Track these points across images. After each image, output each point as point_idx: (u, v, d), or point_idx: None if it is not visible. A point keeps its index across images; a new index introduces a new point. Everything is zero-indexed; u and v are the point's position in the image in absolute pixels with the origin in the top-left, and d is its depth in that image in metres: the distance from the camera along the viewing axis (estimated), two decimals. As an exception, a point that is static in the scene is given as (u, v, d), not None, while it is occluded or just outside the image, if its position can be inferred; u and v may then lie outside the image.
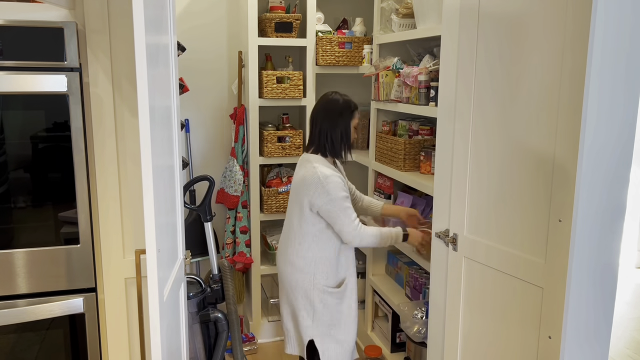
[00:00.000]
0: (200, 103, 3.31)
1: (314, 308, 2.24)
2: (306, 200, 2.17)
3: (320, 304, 2.24)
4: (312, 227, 2.20)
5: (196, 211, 2.38)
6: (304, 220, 2.20)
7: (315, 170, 2.17)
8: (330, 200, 2.14)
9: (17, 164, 2.05)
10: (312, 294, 2.23)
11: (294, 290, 2.25)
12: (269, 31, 3.04)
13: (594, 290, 1.60)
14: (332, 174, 2.17)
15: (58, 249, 2.12)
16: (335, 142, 2.25)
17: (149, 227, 1.34)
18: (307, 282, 2.23)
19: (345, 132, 2.26)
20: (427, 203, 2.72)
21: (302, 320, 2.26)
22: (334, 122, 2.24)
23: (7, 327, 2.09)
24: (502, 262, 1.79)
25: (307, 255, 2.22)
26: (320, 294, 2.23)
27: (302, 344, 2.29)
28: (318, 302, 2.24)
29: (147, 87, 1.27)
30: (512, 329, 1.79)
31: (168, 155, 1.62)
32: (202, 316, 2.26)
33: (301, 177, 2.21)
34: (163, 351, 1.42)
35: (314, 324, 2.25)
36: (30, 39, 1.96)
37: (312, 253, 2.22)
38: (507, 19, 1.71)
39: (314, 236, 2.21)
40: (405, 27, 2.70)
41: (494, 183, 1.81)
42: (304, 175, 2.20)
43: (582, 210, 1.53)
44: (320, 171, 2.16)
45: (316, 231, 2.20)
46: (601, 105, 1.49)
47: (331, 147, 2.25)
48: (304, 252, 2.22)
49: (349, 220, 2.17)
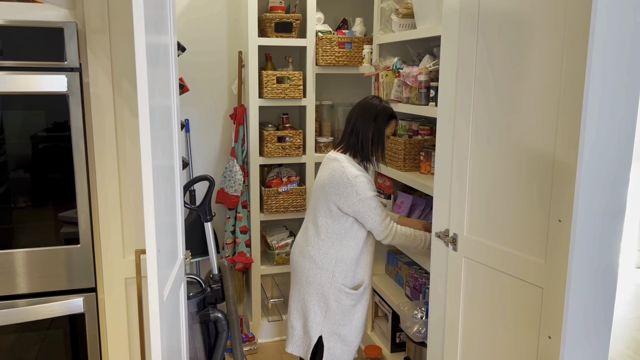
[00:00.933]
0: (200, 103, 3.31)
1: (327, 306, 2.23)
2: (334, 199, 2.17)
3: (335, 303, 2.23)
4: (338, 225, 2.20)
5: (196, 211, 2.38)
6: (330, 217, 2.20)
7: (343, 169, 2.17)
8: (360, 200, 2.14)
9: (17, 164, 2.05)
10: (328, 292, 2.22)
11: (310, 285, 2.24)
12: (269, 31, 3.04)
13: (594, 290, 1.60)
14: (360, 173, 2.17)
15: (58, 249, 2.12)
16: (365, 144, 2.25)
17: (149, 227, 1.34)
18: (325, 279, 2.22)
19: (377, 136, 2.26)
20: (427, 203, 2.72)
21: (314, 316, 2.25)
22: (368, 123, 2.24)
23: (7, 327, 2.09)
24: (502, 262, 1.79)
25: (329, 252, 2.21)
26: (336, 293, 2.23)
27: (308, 343, 2.28)
28: (333, 301, 2.23)
29: (147, 87, 1.27)
30: (512, 329, 1.79)
31: (168, 155, 1.62)
32: (202, 316, 2.26)
33: (329, 174, 2.20)
34: (163, 351, 1.42)
35: (324, 321, 2.25)
36: (30, 39, 1.96)
37: (335, 251, 2.21)
38: (507, 18, 1.71)
39: (338, 234, 2.21)
40: (405, 27, 2.70)
41: (494, 183, 1.81)
42: (331, 173, 2.19)
43: (582, 210, 1.53)
44: (348, 171, 2.16)
45: (341, 229, 2.20)
46: (601, 105, 1.49)
47: (361, 148, 2.25)
48: (326, 248, 2.21)
49: (380, 219, 2.18)
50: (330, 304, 2.23)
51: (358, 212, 2.16)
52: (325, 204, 2.20)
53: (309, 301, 2.25)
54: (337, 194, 2.16)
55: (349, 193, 2.14)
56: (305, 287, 2.25)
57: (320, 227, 2.22)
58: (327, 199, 2.19)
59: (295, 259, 2.31)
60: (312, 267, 2.23)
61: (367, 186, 2.16)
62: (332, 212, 2.19)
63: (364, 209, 2.15)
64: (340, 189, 2.15)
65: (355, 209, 2.15)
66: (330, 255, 2.21)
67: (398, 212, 2.78)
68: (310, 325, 2.26)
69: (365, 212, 2.16)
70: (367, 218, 2.17)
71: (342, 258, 2.22)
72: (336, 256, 2.21)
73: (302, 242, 2.30)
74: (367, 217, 2.17)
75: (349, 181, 2.14)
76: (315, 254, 2.22)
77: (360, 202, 2.14)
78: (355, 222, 2.21)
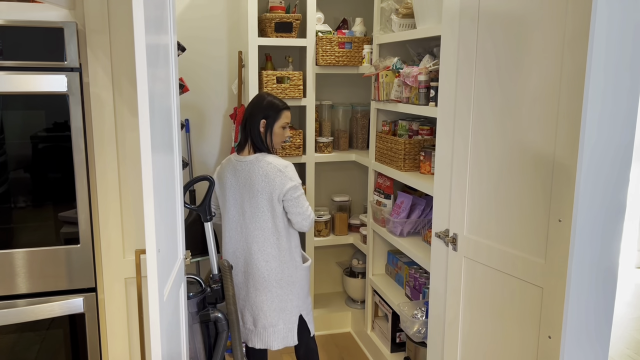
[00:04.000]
0: (200, 103, 3.31)
1: (298, 288, 2.37)
2: (276, 194, 2.25)
3: (302, 281, 2.38)
4: (284, 219, 2.31)
5: (196, 211, 2.38)
6: (275, 216, 2.29)
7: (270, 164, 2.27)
8: (294, 186, 2.26)
9: (17, 164, 2.05)
10: (295, 278, 2.35)
11: (280, 281, 2.33)
12: (269, 31, 3.04)
13: (594, 290, 1.61)
14: (288, 162, 2.30)
15: (58, 249, 2.12)
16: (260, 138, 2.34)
17: (149, 227, 1.34)
18: (292, 268, 2.34)
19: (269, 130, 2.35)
20: (427, 203, 2.72)
21: (291, 303, 2.35)
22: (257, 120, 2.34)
23: (7, 327, 2.09)
24: (502, 262, 1.79)
25: (287, 245, 2.33)
26: (301, 273, 2.37)
27: (292, 330, 2.37)
28: (299, 281, 2.37)
29: (147, 87, 1.27)
30: (512, 329, 1.79)
31: (168, 155, 1.62)
32: (202, 316, 2.26)
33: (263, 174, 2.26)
34: (163, 351, 1.42)
35: (300, 301, 2.38)
36: (30, 39, 1.96)
37: (290, 241, 2.35)
38: (507, 18, 1.71)
39: (287, 226, 2.33)
40: (405, 27, 2.70)
41: (493, 183, 1.81)
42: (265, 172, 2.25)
43: (582, 210, 1.53)
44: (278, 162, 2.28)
45: (287, 221, 2.33)
46: (601, 105, 1.50)
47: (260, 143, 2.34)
48: (284, 244, 2.32)
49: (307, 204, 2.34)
50: (299, 284, 2.37)
51: (295, 199, 2.27)
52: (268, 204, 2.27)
53: (282, 295, 2.34)
54: (275, 187, 2.25)
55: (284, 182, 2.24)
56: (277, 285, 2.33)
57: (271, 226, 2.30)
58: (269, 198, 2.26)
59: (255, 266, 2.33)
60: (278, 265, 2.32)
61: (296, 173, 2.30)
62: (276, 209, 2.28)
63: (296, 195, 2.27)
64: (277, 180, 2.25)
65: (292, 194, 2.26)
66: (289, 247, 2.33)
67: (398, 212, 2.78)
68: (289, 314, 2.36)
69: (301, 198, 2.29)
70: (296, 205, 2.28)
71: (297, 242, 2.39)
72: (292, 244, 2.35)
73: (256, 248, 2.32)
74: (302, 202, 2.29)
75: (281, 172, 2.25)
76: (276, 252, 2.31)
77: (294, 188, 2.26)
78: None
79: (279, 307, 2.34)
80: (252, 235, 2.32)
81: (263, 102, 2.35)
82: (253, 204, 2.29)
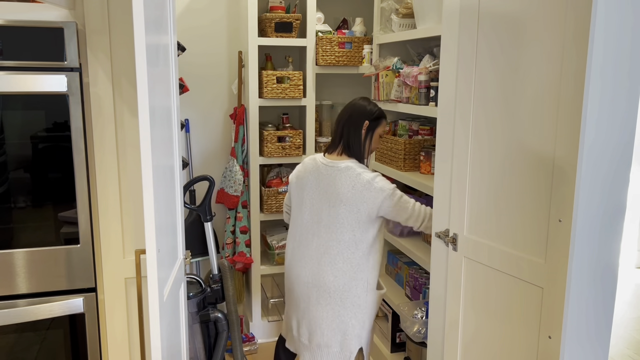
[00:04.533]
0: (200, 103, 3.31)
1: (364, 314, 2.18)
2: (365, 208, 2.09)
3: (368, 309, 2.19)
4: (368, 235, 2.14)
5: (196, 211, 2.38)
6: (357, 230, 2.12)
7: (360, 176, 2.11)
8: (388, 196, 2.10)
9: (17, 164, 2.05)
10: (363, 300, 2.17)
11: (345, 301, 2.15)
12: (269, 31, 3.04)
13: (594, 290, 1.60)
14: (375, 173, 2.15)
15: (58, 249, 2.12)
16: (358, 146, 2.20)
17: (149, 227, 1.34)
18: (361, 289, 2.15)
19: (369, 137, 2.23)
20: (427, 203, 2.72)
21: (352, 329, 2.17)
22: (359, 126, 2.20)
23: (7, 327, 2.09)
24: (502, 262, 1.79)
25: (362, 262, 2.14)
26: (371, 298, 2.19)
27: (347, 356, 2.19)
28: (366, 307, 2.18)
29: (147, 87, 1.27)
30: (512, 329, 1.79)
31: (168, 155, 1.62)
32: (202, 316, 2.26)
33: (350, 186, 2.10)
34: (163, 351, 1.42)
35: (363, 331, 2.20)
36: (30, 39, 1.96)
37: (367, 260, 2.16)
38: (507, 18, 1.71)
39: (368, 244, 2.15)
40: (405, 27, 2.70)
41: (494, 183, 1.81)
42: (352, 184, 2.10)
43: (582, 210, 1.53)
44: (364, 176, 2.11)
45: (370, 238, 2.14)
46: (601, 105, 1.49)
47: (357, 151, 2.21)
48: (358, 259, 2.13)
49: (411, 205, 2.15)
50: (365, 311, 2.18)
51: (392, 208, 2.11)
52: (354, 216, 2.11)
53: (345, 315, 2.16)
54: (364, 201, 2.09)
55: (375, 195, 2.09)
56: (340, 302, 2.15)
57: (350, 239, 2.13)
58: (357, 211, 2.11)
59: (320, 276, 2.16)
60: (347, 282, 2.14)
61: (386, 181, 2.12)
62: (360, 223, 2.11)
63: (393, 202, 2.10)
64: (366, 195, 2.09)
65: (387, 204, 2.10)
66: (362, 265, 2.15)
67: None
68: (349, 339, 2.18)
69: (396, 205, 2.11)
70: (400, 210, 2.12)
71: (374, 264, 2.18)
72: (369, 264, 2.16)
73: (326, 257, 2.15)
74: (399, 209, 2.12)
75: (370, 185, 2.09)
76: (347, 268, 2.13)
77: (389, 197, 2.09)
78: (380, 226, 2.18)
79: (339, 328, 2.16)
80: (326, 246, 2.14)
81: (367, 107, 2.23)
82: (332, 213, 2.12)
